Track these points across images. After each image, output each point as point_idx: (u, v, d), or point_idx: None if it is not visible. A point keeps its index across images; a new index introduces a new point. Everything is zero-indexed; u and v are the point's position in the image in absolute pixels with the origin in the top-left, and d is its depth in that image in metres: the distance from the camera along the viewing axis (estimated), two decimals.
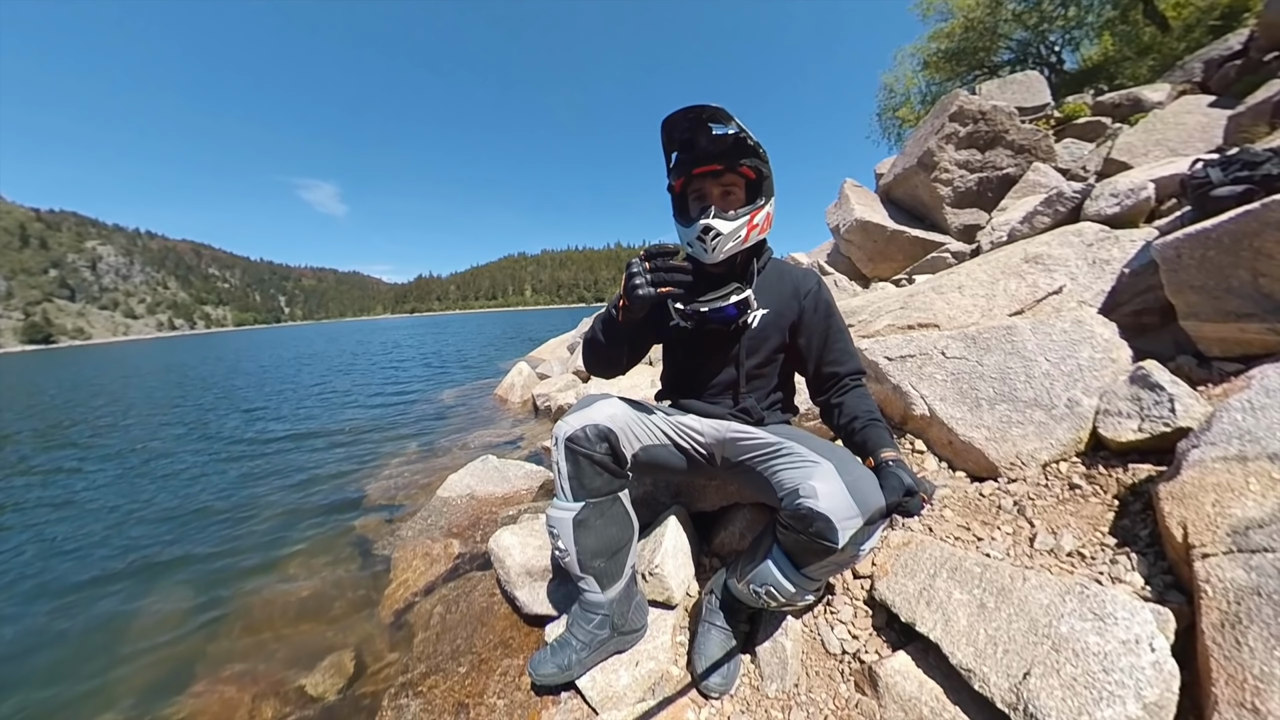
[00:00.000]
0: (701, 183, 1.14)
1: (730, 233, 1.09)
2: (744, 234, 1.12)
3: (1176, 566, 0.97)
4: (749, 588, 1.04)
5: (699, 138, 1.10)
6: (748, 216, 1.11)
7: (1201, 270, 1.44)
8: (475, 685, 1.28)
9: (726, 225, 1.09)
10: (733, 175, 1.12)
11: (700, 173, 1.12)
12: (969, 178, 3.97)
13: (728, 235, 1.09)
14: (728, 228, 1.09)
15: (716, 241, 1.09)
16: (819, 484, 0.87)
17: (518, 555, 1.49)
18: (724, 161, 1.10)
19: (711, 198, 1.13)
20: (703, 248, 1.11)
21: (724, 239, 1.09)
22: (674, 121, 1.09)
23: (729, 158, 1.09)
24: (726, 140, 1.09)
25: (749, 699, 1.08)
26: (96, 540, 2.54)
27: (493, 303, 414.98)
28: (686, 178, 1.15)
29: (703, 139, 1.10)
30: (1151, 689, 0.73)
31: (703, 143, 1.10)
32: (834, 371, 1.19)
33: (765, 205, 1.15)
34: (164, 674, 1.52)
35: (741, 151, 1.10)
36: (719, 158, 1.10)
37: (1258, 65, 4.02)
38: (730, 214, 1.10)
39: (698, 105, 1.05)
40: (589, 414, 1.11)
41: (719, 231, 1.08)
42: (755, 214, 1.12)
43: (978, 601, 0.96)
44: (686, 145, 1.13)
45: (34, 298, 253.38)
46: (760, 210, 1.13)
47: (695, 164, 1.12)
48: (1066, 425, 1.36)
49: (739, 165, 1.10)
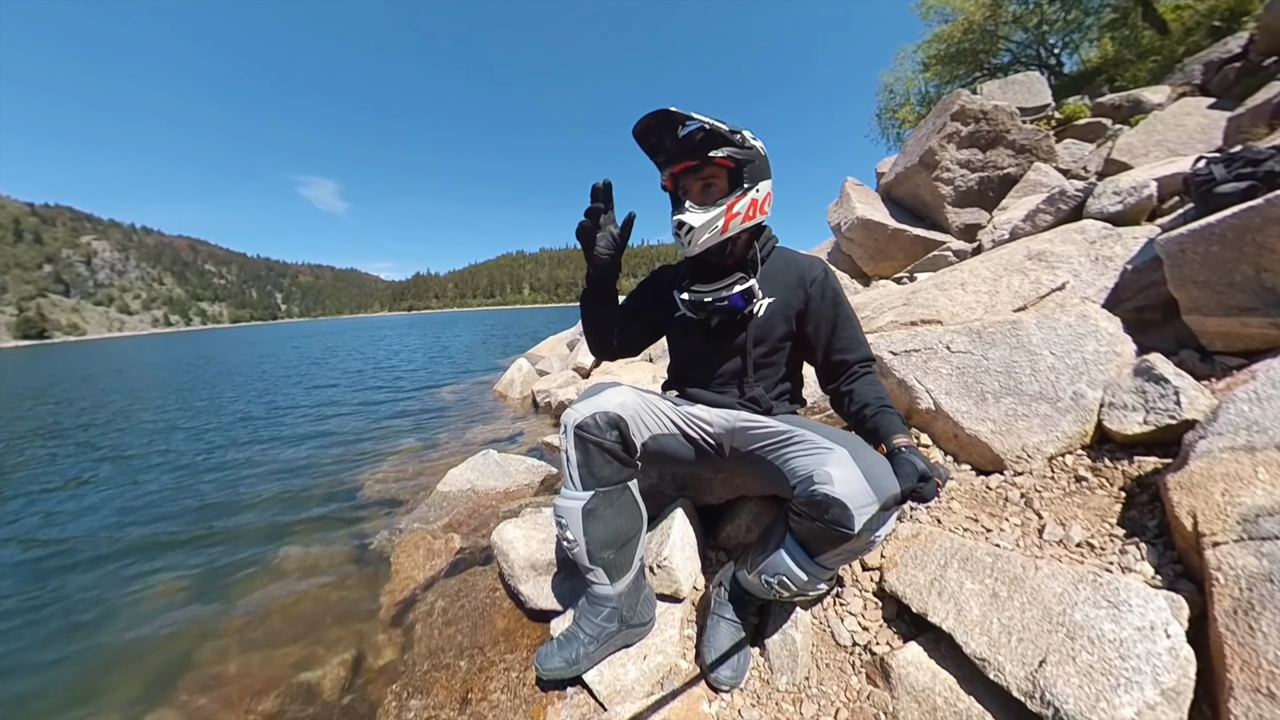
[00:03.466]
0: (684, 179, 1.16)
1: (704, 224, 1.11)
2: (722, 224, 1.12)
3: (1186, 555, 0.97)
4: (760, 578, 1.03)
5: (664, 139, 1.14)
6: (725, 206, 1.11)
7: (1205, 265, 1.45)
8: (478, 681, 1.26)
9: (698, 218, 1.11)
10: (711, 168, 1.12)
11: (679, 170, 1.14)
12: (970, 177, 3.98)
13: (701, 228, 1.11)
14: (700, 220, 1.10)
15: (690, 235, 1.11)
16: (834, 470, 0.87)
17: (521, 549, 1.48)
18: (695, 156, 1.11)
19: (691, 193, 1.15)
20: (680, 242, 1.14)
21: (697, 231, 1.11)
22: (640, 129, 1.13)
23: (699, 152, 1.10)
24: (694, 137, 1.11)
25: (759, 692, 1.07)
26: (95, 540, 2.51)
27: (491, 301, 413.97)
28: (673, 176, 1.17)
29: (668, 140, 1.14)
30: (1169, 674, 0.73)
31: (668, 144, 1.14)
32: (843, 359, 1.19)
33: (749, 192, 1.13)
34: (162, 671, 1.49)
35: (713, 143, 1.10)
36: (689, 154, 1.11)
37: (1257, 68, 4.05)
38: (702, 207, 1.12)
39: (658, 110, 1.08)
40: (599, 401, 1.10)
41: (690, 225, 1.11)
42: (734, 202, 1.12)
43: (990, 591, 0.96)
44: (656, 149, 1.17)
45: (28, 293, 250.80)
46: (741, 198, 1.12)
47: (670, 163, 1.15)
48: (1072, 418, 1.36)
49: (713, 157, 1.10)
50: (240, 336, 42.40)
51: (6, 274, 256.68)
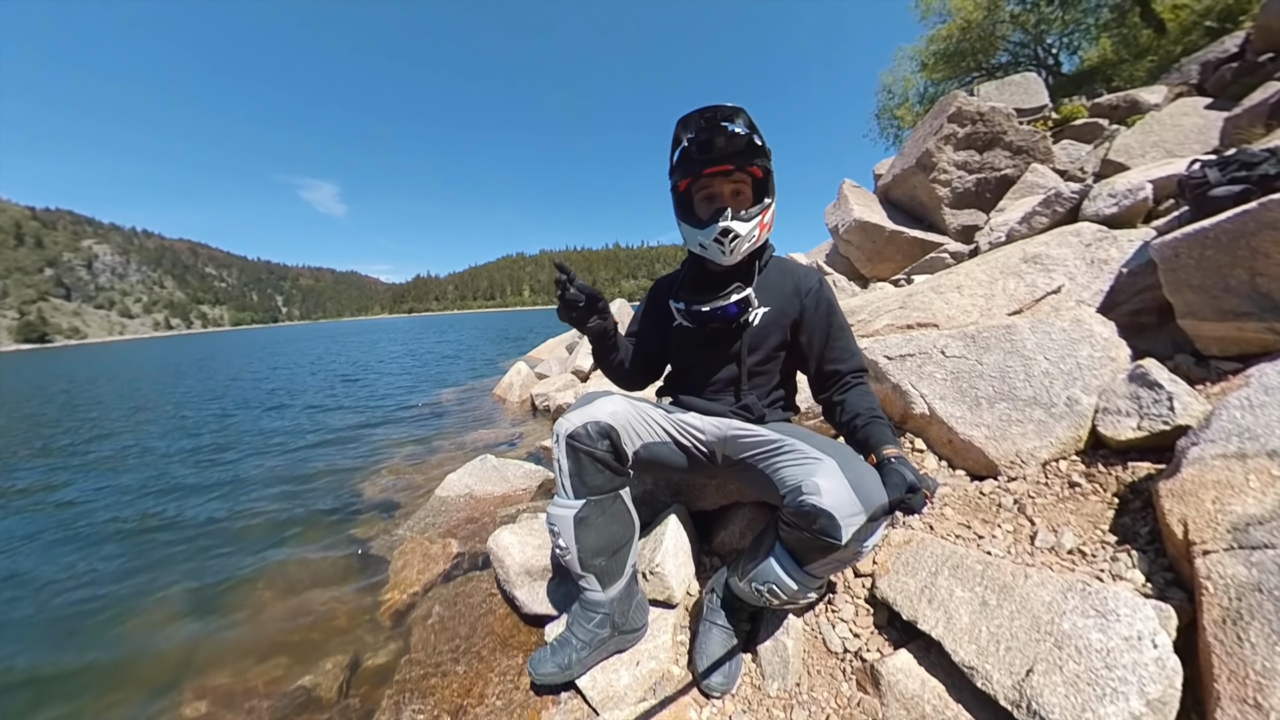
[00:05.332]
0: (711, 182, 1.15)
1: (746, 234, 1.11)
2: (757, 234, 1.14)
3: (1177, 563, 0.97)
4: (751, 586, 1.04)
5: (716, 138, 1.10)
6: (759, 217, 1.12)
7: (1199, 269, 1.45)
8: (474, 685, 1.27)
9: (744, 227, 1.10)
10: (742, 174, 1.13)
11: (711, 172, 1.13)
12: (967, 178, 3.98)
13: (744, 236, 1.11)
14: (744, 229, 1.10)
15: (735, 243, 1.11)
16: (822, 480, 0.87)
17: (517, 554, 1.48)
18: (736, 161, 1.11)
19: (724, 198, 1.14)
20: (720, 250, 1.12)
21: (741, 240, 1.11)
22: (691, 120, 1.10)
23: (742, 158, 1.10)
24: (741, 140, 1.10)
25: (750, 698, 1.07)
26: (94, 539, 2.52)
27: (491, 303, 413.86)
28: (694, 177, 1.15)
29: (720, 139, 1.10)
30: (1155, 685, 0.73)
31: (720, 143, 1.10)
32: (835, 369, 1.19)
33: (771, 204, 1.16)
34: (160, 674, 1.50)
35: (753, 151, 1.11)
36: (732, 158, 1.11)
37: (1254, 67, 4.04)
38: (744, 215, 1.11)
39: (715, 105, 1.07)
40: (590, 411, 1.11)
41: (737, 233, 1.10)
42: (765, 213, 1.14)
43: (979, 599, 0.96)
44: (704, 145, 1.12)
45: (29, 296, 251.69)
46: (769, 210, 1.15)
47: (708, 164, 1.12)
48: (1066, 423, 1.36)
49: (749, 165, 1.11)
50: (242, 340, 42.47)
51: (8, 278, 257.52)
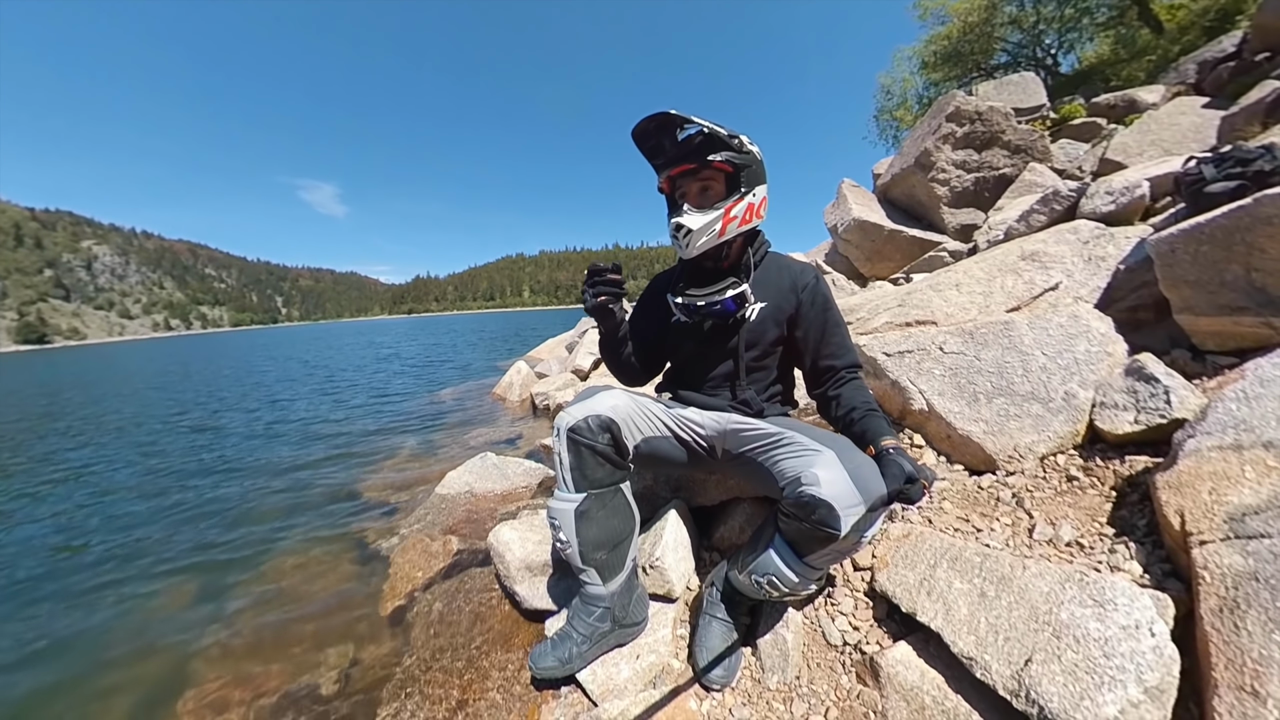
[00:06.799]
0: (680, 182, 1.17)
1: (702, 227, 1.12)
2: (719, 227, 1.13)
3: (1174, 554, 0.97)
4: (751, 578, 1.04)
5: (663, 142, 1.15)
6: (722, 209, 1.12)
7: (1195, 265, 1.45)
8: (475, 680, 1.27)
9: (697, 220, 1.12)
10: (709, 171, 1.13)
11: (678, 173, 1.15)
12: (966, 178, 4.00)
13: (699, 230, 1.12)
14: (698, 222, 1.11)
15: (688, 238, 1.12)
16: (821, 471, 0.87)
17: (517, 550, 1.49)
18: (694, 160, 1.11)
19: (689, 195, 1.16)
20: (677, 244, 1.15)
21: (695, 234, 1.12)
22: (639, 131, 1.14)
23: (698, 155, 1.11)
24: (693, 140, 1.12)
25: (750, 691, 1.08)
26: (94, 539, 2.52)
27: (491, 303, 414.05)
28: (668, 178, 1.18)
29: (667, 143, 1.15)
30: (1152, 673, 0.74)
31: (667, 146, 1.15)
32: (831, 365, 1.20)
33: (745, 196, 1.14)
34: (161, 672, 1.50)
35: (712, 147, 1.11)
36: (688, 157, 1.12)
37: (1251, 66, 4.06)
38: (700, 209, 1.13)
39: (658, 112, 1.09)
40: (591, 405, 1.11)
41: (689, 228, 1.12)
42: (732, 206, 1.13)
43: (978, 590, 0.96)
44: (655, 151, 1.17)
45: (29, 297, 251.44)
46: (739, 201, 1.13)
47: (668, 166, 1.16)
48: (1063, 418, 1.36)
49: (711, 161, 1.10)
50: (242, 340, 42.44)
51: (7, 279, 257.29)
